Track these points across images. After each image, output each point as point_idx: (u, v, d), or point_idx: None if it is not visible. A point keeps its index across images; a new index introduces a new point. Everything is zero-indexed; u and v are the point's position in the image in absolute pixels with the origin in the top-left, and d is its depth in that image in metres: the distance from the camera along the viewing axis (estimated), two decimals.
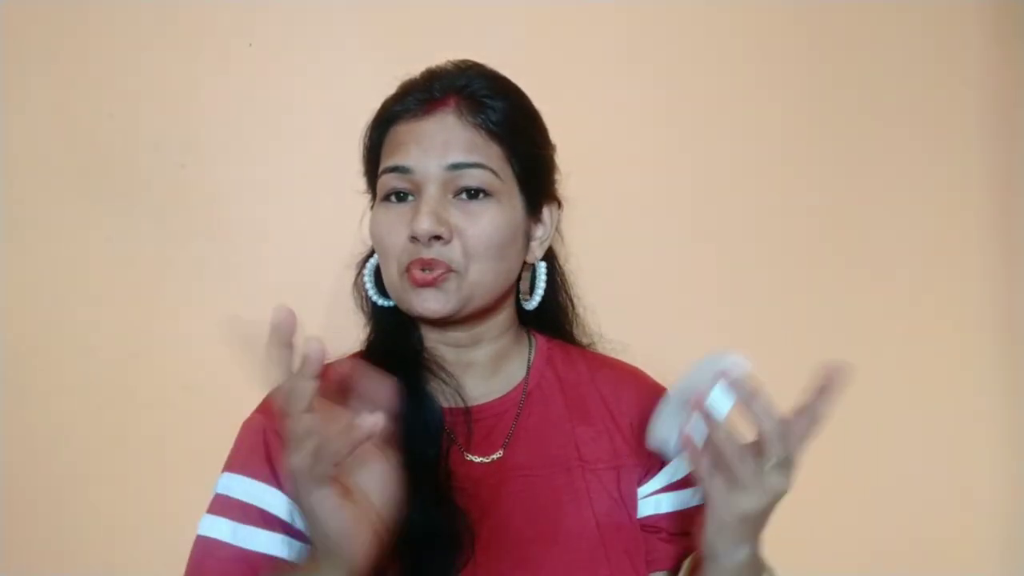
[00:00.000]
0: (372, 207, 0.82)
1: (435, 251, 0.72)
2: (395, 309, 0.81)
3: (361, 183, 0.84)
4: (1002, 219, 1.24)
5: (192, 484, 0.76)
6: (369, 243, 0.84)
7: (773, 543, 0.86)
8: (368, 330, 0.84)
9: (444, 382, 0.80)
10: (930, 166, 1.22)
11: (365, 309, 0.84)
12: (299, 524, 0.71)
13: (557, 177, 0.83)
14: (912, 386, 1.24)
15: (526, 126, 0.79)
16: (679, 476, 0.81)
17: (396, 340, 0.81)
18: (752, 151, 1.18)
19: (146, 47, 1.07)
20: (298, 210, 1.09)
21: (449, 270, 0.73)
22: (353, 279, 0.85)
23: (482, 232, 0.73)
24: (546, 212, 0.82)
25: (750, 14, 1.16)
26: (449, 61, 0.78)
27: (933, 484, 1.24)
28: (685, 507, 0.81)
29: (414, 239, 0.72)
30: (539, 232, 0.81)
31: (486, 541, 0.72)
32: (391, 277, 0.76)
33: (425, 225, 0.70)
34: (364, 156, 0.82)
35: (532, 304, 0.83)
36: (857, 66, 1.20)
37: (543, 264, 0.83)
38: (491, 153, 0.74)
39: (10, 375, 1.08)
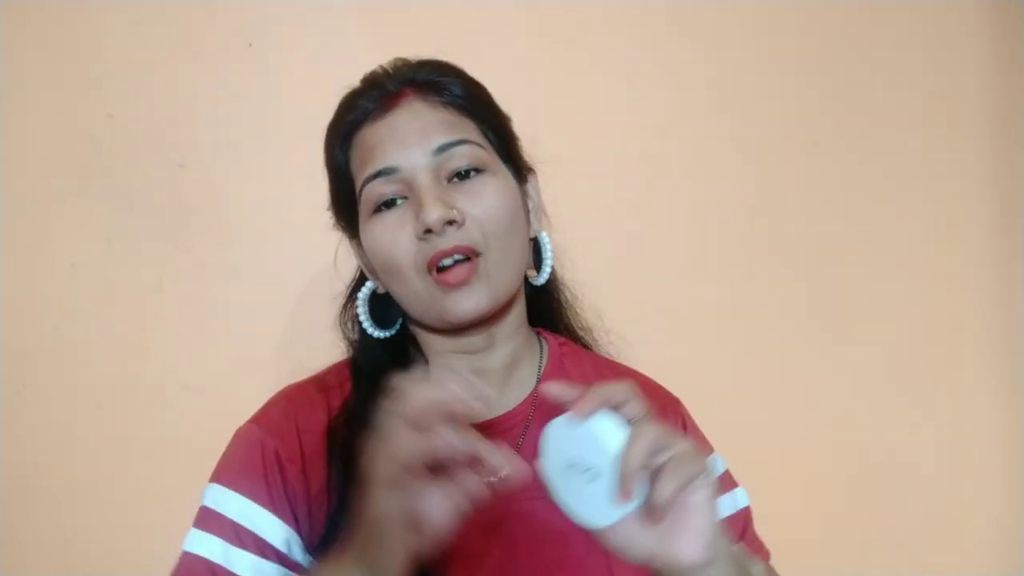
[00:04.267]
0: (351, 237, 0.79)
1: (452, 237, 0.68)
2: (390, 340, 0.79)
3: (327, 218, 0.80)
4: (1004, 219, 1.24)
5: (192, 485, 0.75)
6: (346, 278, 0.84)
7: (773, 543, 0.86)
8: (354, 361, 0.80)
9: None
10: (932, 166, 1.23)
11: (352, 338, 0.81)
12: (296, 556, 0.69)
13: (522, 146, 0.81)
14: (912, 386, 1.24)
15: (486, 99, 0.77)
16: None
17: (391, 370, 0.74)
18: (753, 151, 1.18)
19: (146, 47, 1.07)
20: (298, 210, 1.09)
21: (474, 252, 0.69)
22: (339, 314, 0.82)
23: (489, 207, 0.70)
24: (530, 181, 0.80)
25: (752, 14, 1.16)
26: (380, 65, 0.76)
27: (933, 483, 1.24)
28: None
29: (427, 232, 0.68)
30: (530, 204, 0.79)
31: (490, 569, 0.69)
32: (411, 287, 0.71)
33: (436, 212, 0.67)
34: (332, 183, 0.77)
35: (542, 279, 0.81)
36: (859, 65, 1.20)
37: (545, 234, 0.81)
38: (469, 128, 0.73)
39: (10, 375, 1.08)
